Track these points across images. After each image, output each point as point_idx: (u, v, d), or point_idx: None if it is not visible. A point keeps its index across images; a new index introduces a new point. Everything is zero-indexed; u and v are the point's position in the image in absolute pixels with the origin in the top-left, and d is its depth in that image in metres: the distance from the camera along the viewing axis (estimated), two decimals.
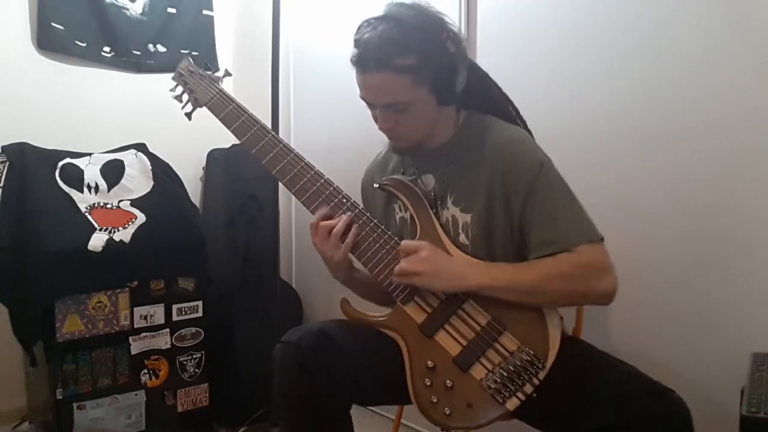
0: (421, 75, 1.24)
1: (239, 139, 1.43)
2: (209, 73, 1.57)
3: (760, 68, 1.46)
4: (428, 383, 1.21)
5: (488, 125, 1.34)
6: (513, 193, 1.26)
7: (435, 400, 1.20)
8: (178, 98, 1.60)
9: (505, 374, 1.18)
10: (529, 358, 1.18)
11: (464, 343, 1.22)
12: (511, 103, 1.41)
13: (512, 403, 1.18)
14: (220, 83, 1.55)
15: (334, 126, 2.49)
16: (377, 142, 1.57)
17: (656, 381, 1.15)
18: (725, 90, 1.52)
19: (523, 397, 1.17)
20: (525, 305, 1.22)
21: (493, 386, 1.18)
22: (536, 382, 1.17)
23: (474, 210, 1.30)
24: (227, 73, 1.59)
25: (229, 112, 1.46)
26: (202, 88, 1.54)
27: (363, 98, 1.31)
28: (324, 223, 1.32)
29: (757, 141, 1.48)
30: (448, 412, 1.19)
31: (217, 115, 1.48)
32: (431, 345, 1.24)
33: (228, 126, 1.46)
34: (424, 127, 1.32)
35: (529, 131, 1.39)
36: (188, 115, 1.59)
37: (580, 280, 1.21)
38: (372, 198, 1.51)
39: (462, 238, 1.32)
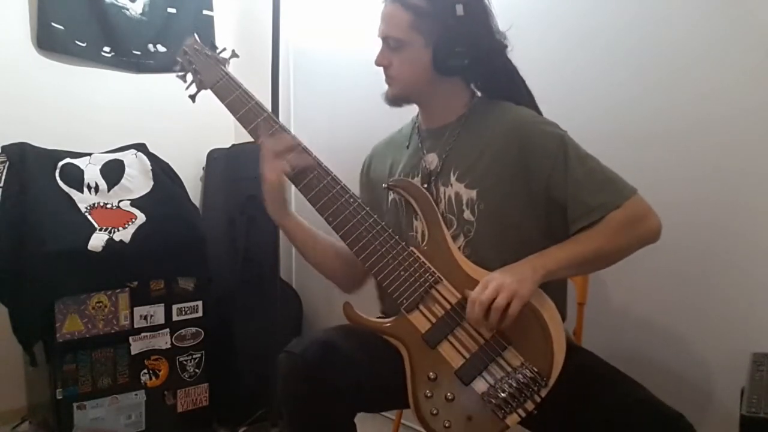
0: (422, 21, 1.28)
1: (245, 127, 1.38)
2: (216, 53, 1.49)
3: (762, 63, 1.47)
4: (429, 394, 1.19)
5: (499, 105, 1.36)
6: (536, 168, 1.26)
7: (435, 412, 1.19)
8: (182, 78, 1.52)
9: (507, 390, 1.16)
10: (532, 375, 1.16)
11: (467, 355, 1.20)
12: (534, 101, 1.39)
13: (512, 420, 1.16)
14: (226, 65, 1.47)
15: (334, 126, 2.49)
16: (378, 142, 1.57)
17: (664, 406, 1.13)
18: (730, 86, 1.52)
19: (524, 414, 1.15)
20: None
21: (494, 401, 1.16)
22: (538, 399, 1.15)
23: (481, 185, 1.29)
24: (234, 54, 1.51)
25: (236, 97, 1.40)
26: (208, 70, 1.46)
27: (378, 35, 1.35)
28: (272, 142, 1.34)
29: (760, 139, 1.48)
30: (447, 425, 1.17)
31: (222, 100, 1.42)
32: (434, 356, 1.22)
33: (233, 113, 1.40)
34: (412, 79, 1.34)
35: None
36: (192, 97, 1.51)
37: (632, 231, 1.24)
38: (366, 177, 1.52)
39: (467, 214, 1.30)
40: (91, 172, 2.20)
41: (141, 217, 2.13)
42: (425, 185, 1.35)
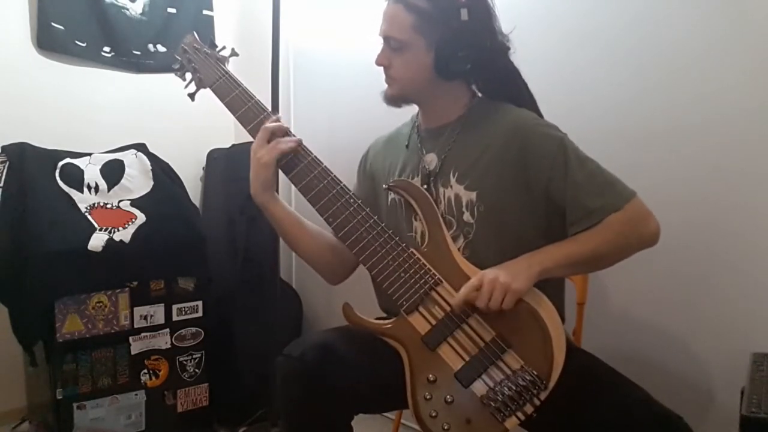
0: (425, 23, 1.27)
1: (244, 126, 1.38)
2: (215, 51, 1.49)
3: (762, 63, 1.46)
4: (428, 396, 1.19)
5: (499, 106, 1.35)
6: (536, 171, 1.26)
7: (434, 414, 1.18)
8: (181, 76, 1.52)
9: (506, 393, 1.16)
10: (531, 378, 1.15)
11: (467, 358, 1.20)
12: (536, 103, 1.39)
13: (511, 423, 1.16)
14: (226, 64, 1.47)
15: (334, 126, 2.49)
16: None
17: (664, 407, 1.13)
18: (730, 86, 1.52)
19: (523, 417, 1.15)
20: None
21: (493, 404, 1.16)
22: (537, 402, 1.15)
23: (481, 187, 1.29)
24: (234, 53, 1.50)
25: (235, 96, 1.40)
26: (207, 68, 1.46)
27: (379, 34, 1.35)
28: (270, 126, 1.34)
29: (760, 139, 1.48)
30: (446, 427, 1.17)
31: (221, 99, 1.42)
32: (433, 358, 1.21)
33: (233, 112, 1.40)
34: (412, 81, 1.33)
35: None
36: (191, 96, 1.51)
37: (631, 233, 1.24)
38: (363, 172, 1.52)
39: (467, 216, 1.30)
40: (91, 172, 2.20)
41: (141, 217, 2.13)
42: (425, 186, 1.35)
